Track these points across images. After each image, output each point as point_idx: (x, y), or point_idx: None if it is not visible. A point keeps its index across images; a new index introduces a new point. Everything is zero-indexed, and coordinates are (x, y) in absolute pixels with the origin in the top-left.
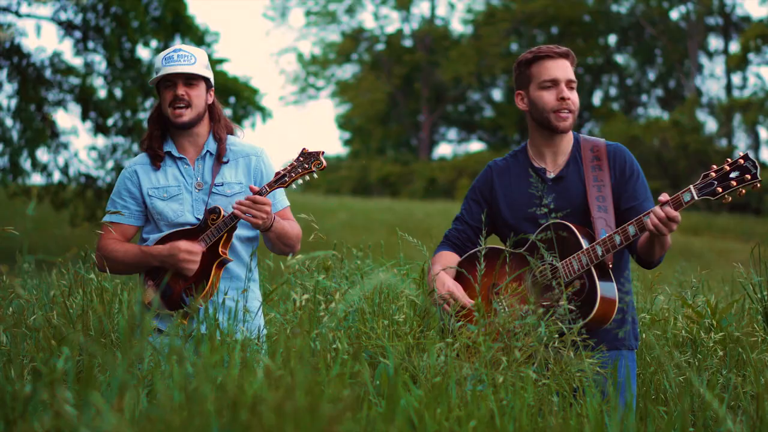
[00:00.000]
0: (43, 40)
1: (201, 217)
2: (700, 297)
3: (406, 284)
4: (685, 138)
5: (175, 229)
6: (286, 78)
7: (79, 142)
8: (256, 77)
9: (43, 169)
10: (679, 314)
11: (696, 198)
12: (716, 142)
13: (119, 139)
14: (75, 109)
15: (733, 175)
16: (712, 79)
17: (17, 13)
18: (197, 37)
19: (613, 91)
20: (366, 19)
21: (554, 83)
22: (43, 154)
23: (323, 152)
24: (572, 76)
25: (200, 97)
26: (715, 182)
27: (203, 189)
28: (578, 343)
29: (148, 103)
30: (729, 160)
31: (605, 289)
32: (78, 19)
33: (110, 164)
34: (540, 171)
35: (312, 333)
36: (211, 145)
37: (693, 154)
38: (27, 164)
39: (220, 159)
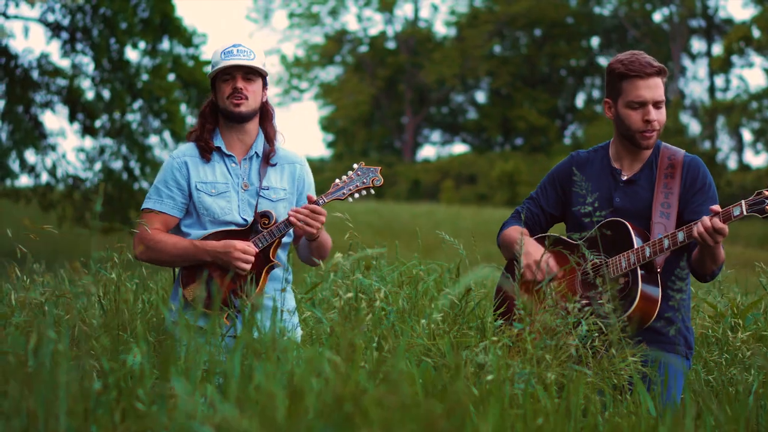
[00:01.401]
0: (31, 41)
1: (247, 217)
2: (720, 296)
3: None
4: (669, 140)
5: (222, 228)
6: (270, 80)
7: (67, 144)
8: None
9: (31, 170)
10: (702, 313)
11: (745, 213)
12: (699, 144)
13: (107, 141)
14: (62, 110)
15: None
16: (695, 82)
17: (5, 15)
18: (185, 38)
19: (596, 94)
20: (349, 21)
21: (642, 105)
22: (30, 156)
23: (381, 168)
24: (661, 96)
25: (257, 93)
26: (766, 200)
27: (249, 190)
28: (621, 342)
29: (137, 105)
30: None
31: (647, 289)
32: (66, 21)
33: (98, 166)
34: (616, 171)
35: (356, 330)
36: (259, 146)
37: None
38: (15, 165)
39: (267, 160)
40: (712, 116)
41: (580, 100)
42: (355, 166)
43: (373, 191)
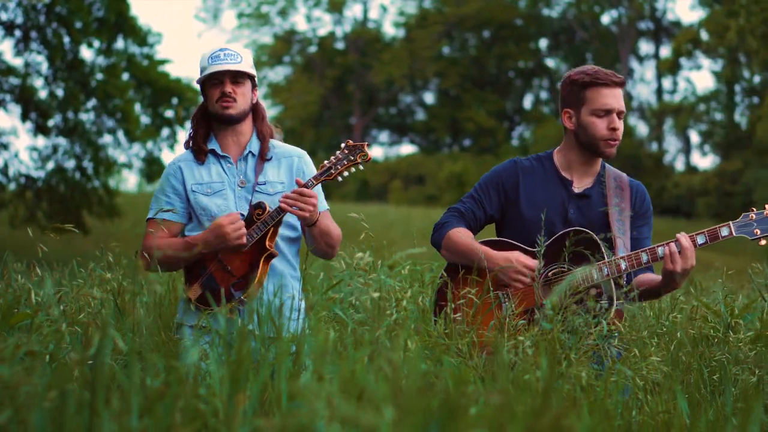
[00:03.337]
0: None
1: (244, 213)
2: (722, 297)
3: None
4: None
5: None
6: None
7: (20, 143)
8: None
9: None
10: (698, 314)
11: (734, 234)
12: (647, 146)
13: (60, 140)
14: (15, 109)
15: None
16: (642, 84)
17: None
18: (140, 38)
19: (544, 95)
20: (298, 21)
21: (608, 113)
22: None
23: (368, 144)
24: (624, 107)
25: (246, 95)
26: (754, 224)
27: (246, 187)
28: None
29: (91, 104)
30: None
31: (619, 304)
32: (20, 19)
33: (50, 165)
34: (567, 182)
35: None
36: (254, 146)
37: (625, 158)
38: None
39: (263, 157)
40: (659, 118)
41: (527, 102)
42: (342, 145)
43: (362, 167)
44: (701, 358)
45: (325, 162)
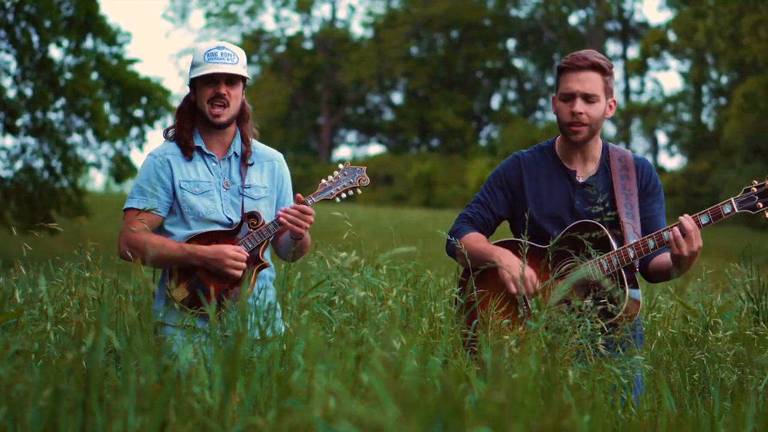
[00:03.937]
0: None
1: (231, 216)
2: (700, 296)
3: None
4: None
5: (209, 229)
6: (186, 79)
7: None
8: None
9: None
10: (677, 314)
11: (736, 210)
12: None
13: (29, 140)
14: None
15: None
16: None
17: None
18: (109, 37)
19: (512, 95)
20: (266, 21)
21: (570, 97)
22: None
23: (367, 167)
24: (592, 90)
25: (238, 97)
26: (756, 197)
27: (231, 189)
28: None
29: (60, 103)
30: None
31: (633, 291)
32: None
33: (19, 164)
34: (571, 173)
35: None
36: (237, 146)
37: None
38: None
39: (245, 161)
40: (627, 119)
41: (495, 102)
42: (341, 166)
43: (359, 191)
44: (681, 358)
45: (324, 181)
